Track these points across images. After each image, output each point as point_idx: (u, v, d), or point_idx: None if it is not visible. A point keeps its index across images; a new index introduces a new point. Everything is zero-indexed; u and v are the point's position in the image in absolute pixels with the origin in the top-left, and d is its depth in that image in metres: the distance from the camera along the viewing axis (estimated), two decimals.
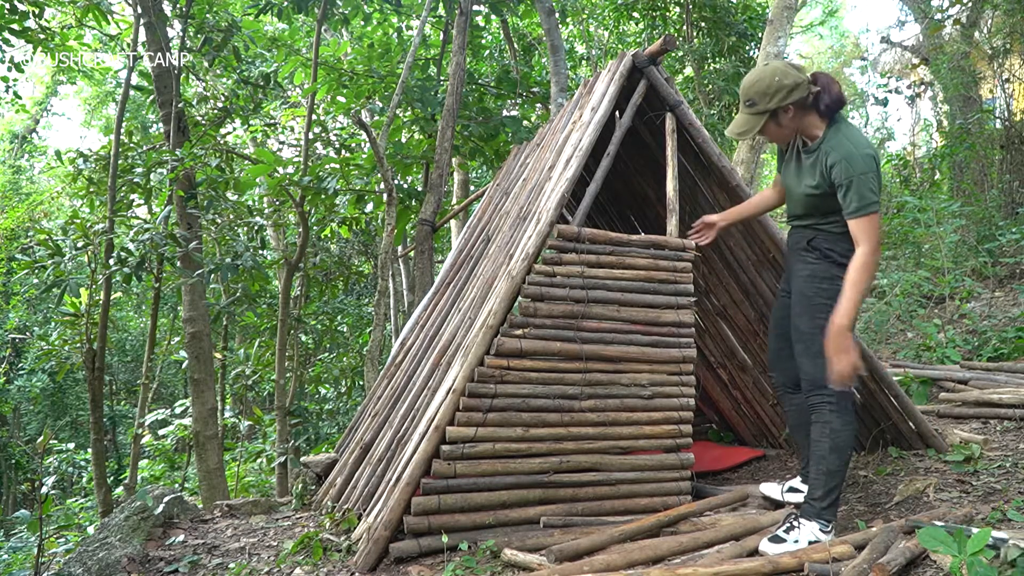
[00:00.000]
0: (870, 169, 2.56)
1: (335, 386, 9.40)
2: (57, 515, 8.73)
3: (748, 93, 2.72)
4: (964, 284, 6.69)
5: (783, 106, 2.67)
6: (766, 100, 2.67)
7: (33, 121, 18.29)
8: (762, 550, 2.59)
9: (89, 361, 6.12)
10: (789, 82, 2.65)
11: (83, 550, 3.23)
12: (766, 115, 2.70)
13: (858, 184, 2.56)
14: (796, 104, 2.67)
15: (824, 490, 2.65)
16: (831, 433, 2.67)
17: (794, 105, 2.67)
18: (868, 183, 2.55)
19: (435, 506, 2.93)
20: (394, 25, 9.75)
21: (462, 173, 10.01)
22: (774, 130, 2.77)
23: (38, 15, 6.70)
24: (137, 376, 13.62)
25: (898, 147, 14.81)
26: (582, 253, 3.27)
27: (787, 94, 2.64)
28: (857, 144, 2.61)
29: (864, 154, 2.58)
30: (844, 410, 2.69)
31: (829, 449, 2.66)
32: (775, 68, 2.70)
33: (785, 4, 7.83)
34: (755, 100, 2.69)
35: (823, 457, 2.67)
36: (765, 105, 2.68)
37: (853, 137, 2.65)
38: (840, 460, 2.66)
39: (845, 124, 2.71)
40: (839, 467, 2.66)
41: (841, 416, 2.68)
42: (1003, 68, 9.82)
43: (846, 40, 22.82)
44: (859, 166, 2.56)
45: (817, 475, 2.69)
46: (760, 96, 2.68)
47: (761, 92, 2.68)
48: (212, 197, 6.32)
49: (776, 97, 2.65)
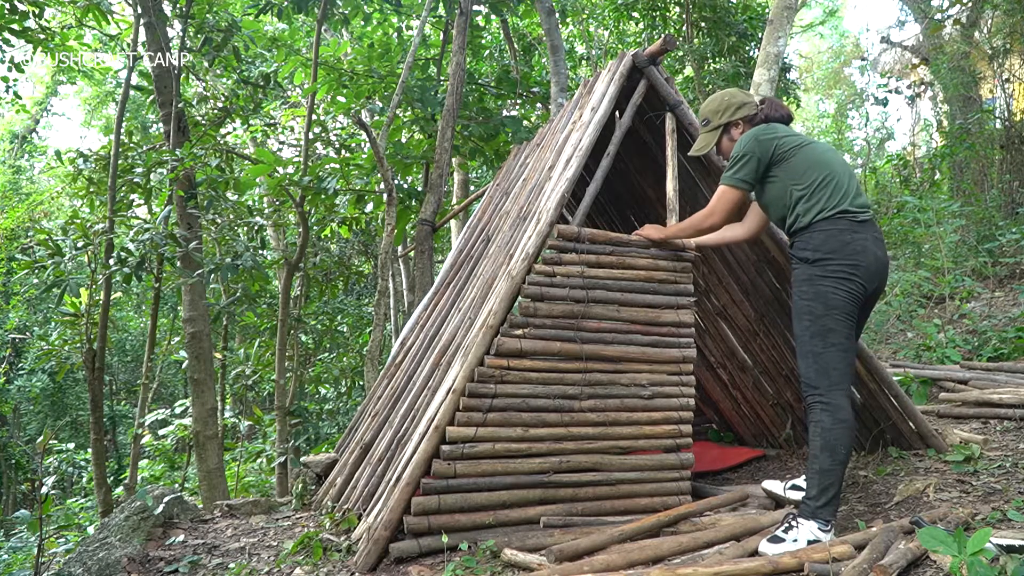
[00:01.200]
0: (746, 150, 2.91)
1: (335, 386, 9.41)
2: (57, 515, 8.73)
3: (703, 114, 3.17)
4: (964, 284, 6.70)
5: (733, 121, 3.09)
6: (718, 116, 3.11)
7: (33, 121, 18.28)
8: (761, 550, 2.59)
9: (89, 361, 6.13)
10: (737, 101, 3.09)
11: (83, 550, 3.23)
12: (719, 129, 3.13)
13: (733, 158, 2.96)
14: (744, 120, 3.09)
15: (818, 489, 2.65)
16: (822, 432, 2.68)
17: (743, 120, 3.09)
18: (738, 159, 2.93)
19: (435, 506, 2.93)
20: (394, 25, 9.75)
21: (462, 173, 10.01)
22: (727, 144, 3.14)
23: (38, 15, 6.70)
24: (137, 376, 13.62)
25: (898, 147, 14.82)
26: (582, 253, 3.27)
27: (735, 110, 3.08)
28: (754, 130, 2.96)
29: (747, 137, 2.94)
30: (837, 409, 2.70)
31: (820, 447, 2.68)
32: (725, 91, 3.16)
33: (785, 4, 7.82)
34: (709, 118, 3.14)
35: (815, 456, 2.69)
36: (718, 121, 3.11)
37: (761, 126, 2.99)
38: (832, 459, 2.66)
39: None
40: (831, 466, 2.66)
41: (833, 415, 2.69)
42: (1003, 68, 9.82)
43: (846, 40, 22.81)
44: (743, 144, 2.94)
45: (811, 474, 2.70)
46: (712, 114, 3.13)
47: (713, 110, 3.13)
48: (212, 197, 6.32)
49: (726, 113, 3.10)
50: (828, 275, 2.75)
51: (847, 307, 2.76)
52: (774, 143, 2.89)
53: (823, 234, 2.77)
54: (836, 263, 2.75)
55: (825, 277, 2.75)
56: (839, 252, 2.75)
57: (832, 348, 2.73)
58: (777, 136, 2.91)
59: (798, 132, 3.01)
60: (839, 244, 2.75)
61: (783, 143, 2.89)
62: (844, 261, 2.75)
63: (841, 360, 2.74)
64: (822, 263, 2.76)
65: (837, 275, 2.75)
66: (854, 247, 2.76)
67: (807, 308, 2.77)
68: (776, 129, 2.94)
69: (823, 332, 2.74)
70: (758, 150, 2.89)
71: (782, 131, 2.94)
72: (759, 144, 2.90)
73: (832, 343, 2.73)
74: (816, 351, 2.74)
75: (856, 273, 2.76)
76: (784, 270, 3.80)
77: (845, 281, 2.75)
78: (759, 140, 2.90)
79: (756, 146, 2.90)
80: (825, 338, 2.73)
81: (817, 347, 2.74)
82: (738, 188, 2.96)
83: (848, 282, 2.75)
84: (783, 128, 2.97)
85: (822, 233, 2.78)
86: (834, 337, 2.74)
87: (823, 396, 2.71)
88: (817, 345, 2.74)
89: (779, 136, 2.91)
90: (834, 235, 2.77)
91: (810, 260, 2.79)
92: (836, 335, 2.74)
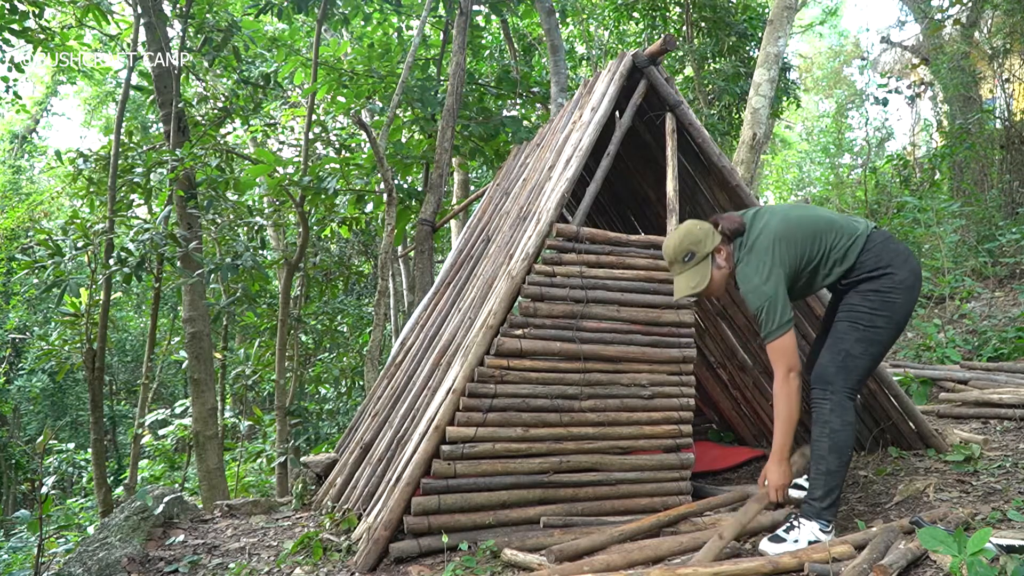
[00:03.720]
0: (768, 293, 2.61)
1: (335, 386, 9.40)
2: (57, 515, 8.73)
3: (681, 249, 2.76)
4: (964, 284, 6.69)
5: (716, 247, 2.75)
6: (703, 246, 2.74)
7: (33, 121, 18.27)
8: (762, 550, 2.59)
9: (89, 361, 6.12)
10: (707, 226, 2.77)
11: (83, 550, 3.23)
12: (708, 257, 2.75)
13: (759, 308, 2.63)
14: (722, 242, 2.77)
15: (824, 490, 2.66)
16: (830, 433, 2.67)
17: (722, 244, 2.76)
18: (768, 308, 2.61)
19: (435, 506, 2.93)
20: (394, 25, 9.75)
21: (462, 173, 10.00)
22: (717, 275, 2.79)
23: (38, 15, 6.70)
24: (137, 376, 13.62)
25: (898, 147, 14.81)
26: (582, 253, 3.26)
27: (714, 235, 2.76)
28: (752, 264, 2.68)
29: (750, 272, 2.66)
30: (844, 410, 2.69)
31: (828, 449, 2.67)
32: (686, 225, 2.80)
33: (785, 4, 7.82)
34: (694, 251, 2.74)
35: (822, 457, 2.68)
36: (704, 249, 2.74)
37: (750, 267, 2.70)
38: (839, 460, 2.66)
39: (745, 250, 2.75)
40: (838, 467, 2.66)
41: (841, 416, 2.68)
42: (1003, 68, 9.82)
43: (846, 40, 22.80)
44: (756, 293, 2.64)
45: (817, 475, 2.69)
46: (695, 244, 2.74)
47: (694, 241, 2.75)
48: (212, 197, 6.32)
49: (708, 240, 2.74)
50: (896, 286, 2.66)
51: (906, 320, 2.72)
52: (772, 254, 2.66)
53: (870, 254, 2.68)
54: (900, 274, 2.66)
55: (893, 289, 2.66)
56: (897, 260, 2.68)
57: (867, 356, 2.69)
58: (767, 248, 2.68)
59: (757, 221, 2.78)
60: (892, 253, 2.68)
61: (771, 248, 2.67)
62: (905, 269, 2.67)
63: (868, 369, 2.72)
64: (889, 276, 2.66)
65: (904, 284, 2.67)
66: (901, 251, 2.70)
67: (867, 317, 2.67)
68: (755, 243, 2.72)
69: (869, 340, 2.68)
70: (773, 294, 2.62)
71: (757, 242, 2.71)
72: (775, 292, 2.63)
73: (871, 353, 2.69)
74: (853, 353, 2.68)
75: (917, 282, 2.69)
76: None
77: (911, 291, 2.68)
78: (763, 261, 2.65)
79: (774, 294, 2.62)
80: (868, 346, 2.68)
81: (856, 350, 2.68)
82: (791, 328, 2.64)
83: (913, 291, 2.69)
84: (751, 237, 2.75)
85: (869, 253, 2.69)
86: (876, 348, 2.69)
87: (833, 395, 2.68)
88: (857, 348, 2.68)
89: (765, 246, 2.69)
90: (878, 248, 2.69)
91: (873, 276, 2.69)
92: (879, 346, 2.70)
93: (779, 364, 2.65)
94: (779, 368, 2.65)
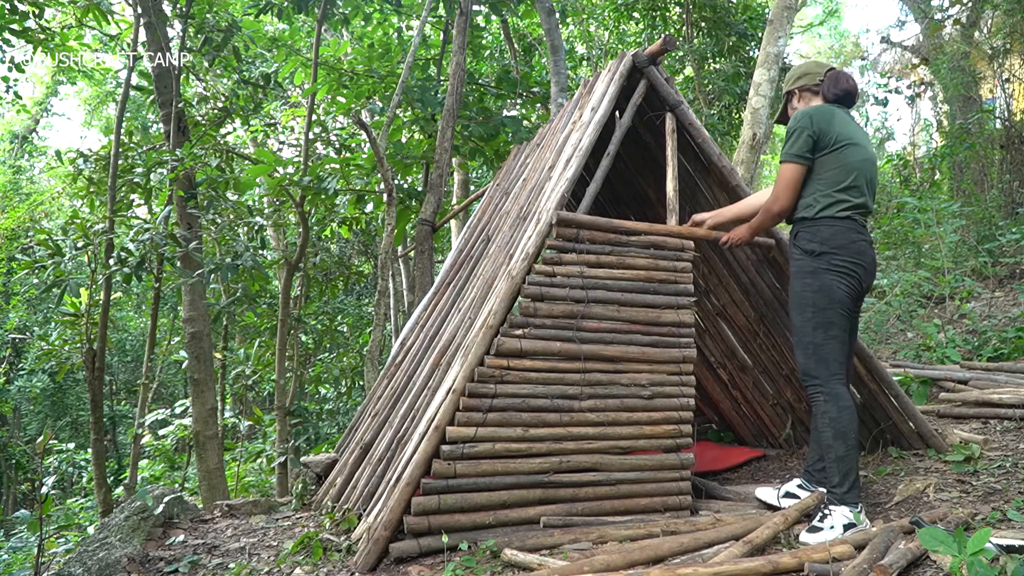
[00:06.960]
0: (800, 125, 2.89)
1: (335, 386, 9.40)
2: (57, 515, 8.73)
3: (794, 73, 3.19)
4: (964, 284, 6.69)
5: (792, 89, 3.15)
6: (787, 83, 3.20)
7: (33, 121, 18.28)
8: (803, 540, 2.65)
9: (89, 361, 6.12)
10: (801, 70, 3.13)
11: (83, 550, 3.23)
12: (785, 97, 3.21)
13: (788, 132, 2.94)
14: (802, 89, 3.12)
15: (840, 476, 2.75)
16: (831, 421, 2.78)
17: (800, 90, 3.13)
18: (791, 133, 2.91)
19: (435, 506, 2.92)
20: (394, 25, 9.75)
21: (462, 173, 10.00)
22: (789, 113, 3.21)
23: (38, 15, 6.70)
24: (137, 376, 13.61)
25: (898, 147, 14.81)
26: (582, 253, 3.26)
27: (796, 79, 3.14)
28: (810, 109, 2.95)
29: (802, 114, 2.92)
30: (839, 397, 2.80)
31: (832, 436, 2.77)
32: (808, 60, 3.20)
33: (785, 4, 7.82)
34: (784, 85, 3.23)
35: (829, 446, 2.78)
36: (785, 88, 3.21)
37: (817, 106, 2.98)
38: (845, 445, 2.75)
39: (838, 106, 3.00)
40: (846, 452, 2.75)
41: (836, 403, 2.79)
42: (1003, 68, 9.82)
43: (846, 40, 22.79)
44: (797, 120, 2.92)
45: (829, 464, 2.79)
46: (785, 81, 3.23)
47: (787, 78, 3.23)
48: (212, 197, 6.31)
49: (789, 82, 3.17)
50: (833, 269, 2.83)
51: (848, 302, 2.87)
52: (825, 130, 2.88)
53: (830, 229, 2.85)
54: (841, 259, 2.83)
55: (830, 271, 2.83)
56: (844, 249, 2.84)
57: (832, 340, 2.83)
58: (832, 124, 2.89)
59: (853, 120, 3.00)
60: (845, 241, 2.84)
61: (833, 135, 2.87)
62: (849, 258, 2.84)
63: (840, 352, 2.84)
64: (827, 257, 2.84)
65: (841, 270, 2.84)
66: (858, 247, 2.85)
67: (811, 300, 2.85)
68: (833, 115, 2.92)
69: (825, 324, 2.83)
70: (810, 127, 2.88)
71: (838, 120, 2.91)
72: (812, 122, 2.88)
73: (832, 335, 2.83)
74: (817, 342, 2.83)
75: (856, 271, 2.86)
76: (784, 271, 3.80)
77: (848, 277, 2.84)
78: (813, 118, 2.89)
79: (809, 123, 2.88)
80: (827, 331, 2.83)
81: (818, 339, 2.83)
82: (797, 164, 2.90)
83: (850, 278, 2.85)
84: (840, 116, 2.94)
85: (829, 228, 2.85)
86: (835, 330, 2.83)
87: (823, 386, 2.81)
88: (818, 336, 2.83)
89: (833, 125, 2.89)
90: (840, 232, 2.85)
91: (815, 253, 2.86)
92: (836, 328, 2.84)
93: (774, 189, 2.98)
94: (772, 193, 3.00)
